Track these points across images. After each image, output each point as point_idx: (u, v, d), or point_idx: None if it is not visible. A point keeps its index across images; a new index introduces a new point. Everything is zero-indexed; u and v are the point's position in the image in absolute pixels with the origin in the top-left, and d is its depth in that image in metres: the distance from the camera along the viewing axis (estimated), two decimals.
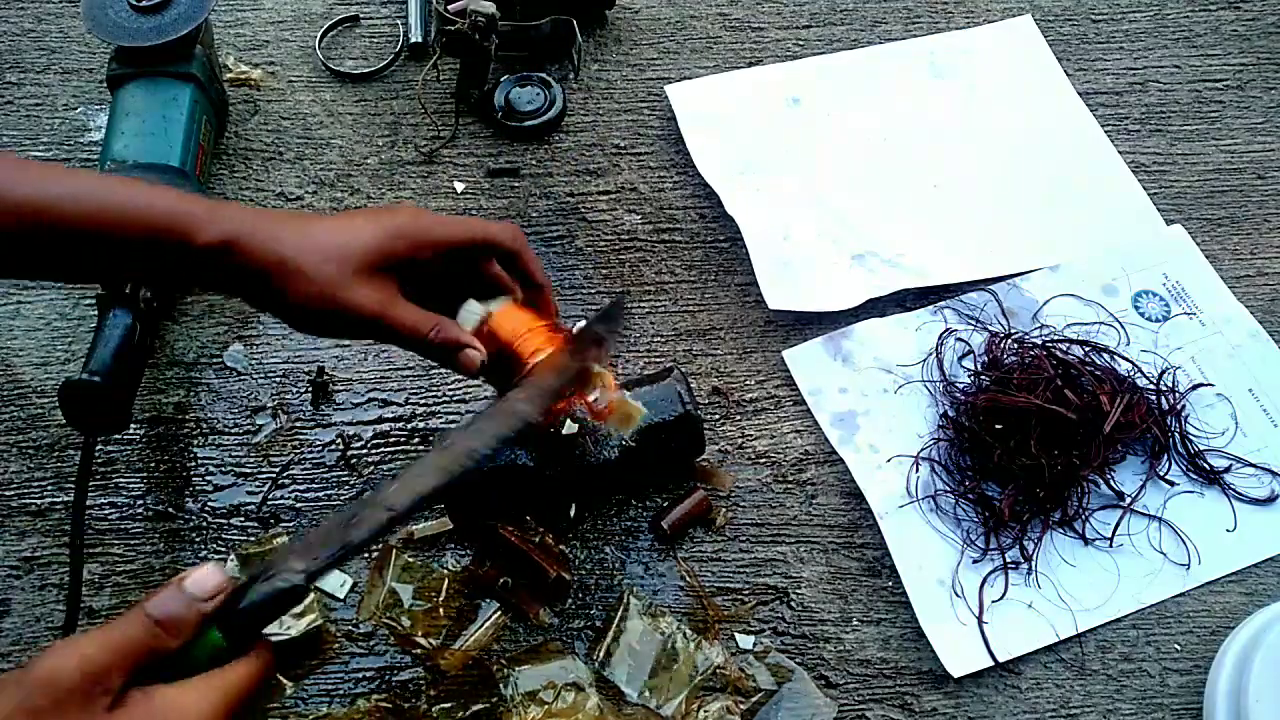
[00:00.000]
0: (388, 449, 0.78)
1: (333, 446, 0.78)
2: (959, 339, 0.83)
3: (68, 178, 0.60)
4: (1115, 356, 0.82)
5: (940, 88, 0.97)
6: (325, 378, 0.80)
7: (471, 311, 0.67)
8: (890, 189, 0.91)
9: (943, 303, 0.85)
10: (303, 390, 0.80)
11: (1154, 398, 0.80)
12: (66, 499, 0.75)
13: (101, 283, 0.71)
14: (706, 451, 0.76)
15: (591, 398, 0.67)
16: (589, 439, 0.72)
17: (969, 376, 0.81)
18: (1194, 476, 0.78)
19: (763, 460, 0.78)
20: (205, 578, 0.50)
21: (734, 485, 0.77)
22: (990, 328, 0.84)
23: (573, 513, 0.74)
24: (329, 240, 0.61)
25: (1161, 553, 0.75)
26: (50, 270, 0.64)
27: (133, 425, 0.77)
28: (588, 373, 0.66)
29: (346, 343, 0.82)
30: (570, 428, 0.71)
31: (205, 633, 0.50)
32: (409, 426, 0.79)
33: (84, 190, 0.58)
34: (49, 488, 0.76)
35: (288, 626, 0.69)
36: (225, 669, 0.50)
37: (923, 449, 0.78)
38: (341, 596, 0.72)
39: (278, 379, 0.80)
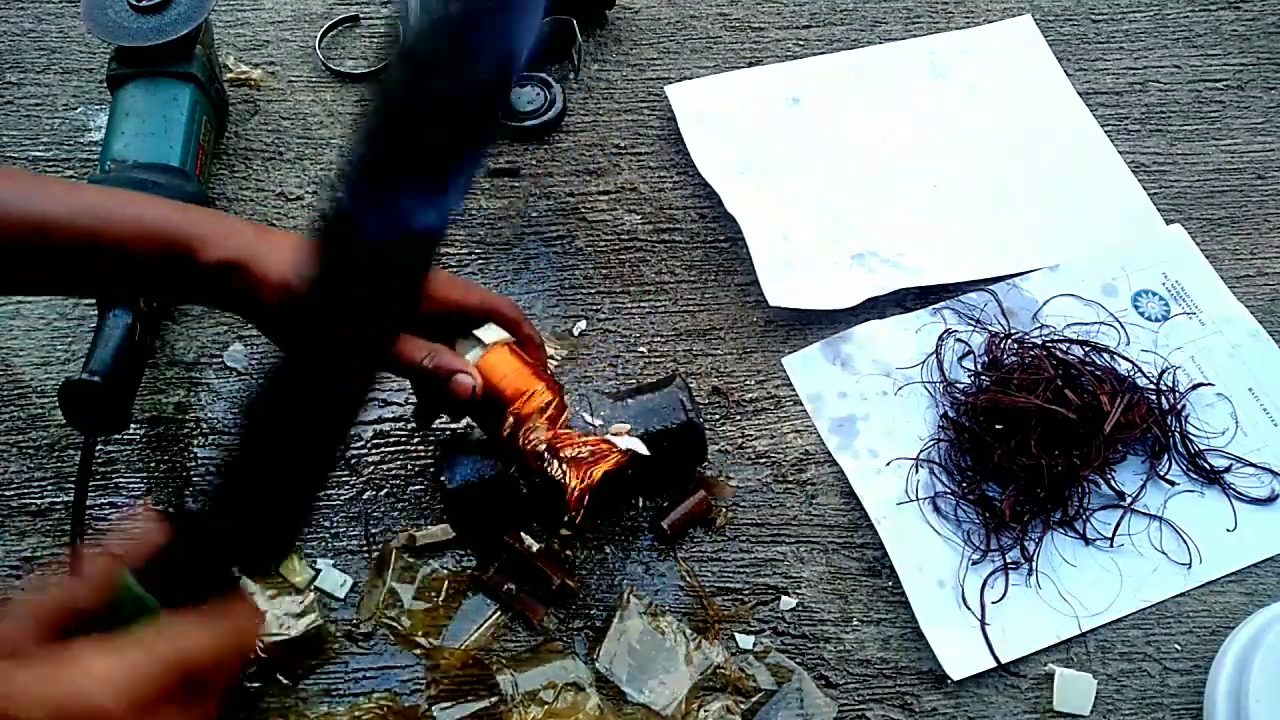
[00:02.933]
0: (388, 449, 0.78)
1: None
2: (959, 339, 0.83)
3: (71, 192, 0.59)
4: (1115, 356, 0.82)
5: (940, 88, 0.97)
6: None
7: (471, 345, 0.68)
8: (890, 189, 0.91)
9: (943, 303, 0.85)
10: None
11: (1154, 397, 0.80)
12: (66, 499, 0.74)
13: (104, 298, 0.71)
14: (707, 452, 0.76)
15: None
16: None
17: (969, 377, 0.81)
18: (1194, 476, 0.78)
19: (763, 460, 0.78)
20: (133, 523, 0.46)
21: (733, 495, 0.77)
22: (990, 328, 0.83)
23: (565, 519, 0.74)
24: None
25: (1162, 552, 0.75)
26: (52, 285, 0.64)
27: (133, 425, 0.77)
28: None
29: None
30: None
31: (132, 591, 0.45)
32: (409, 426, 0.79)
33: (87, 205, 0.58)
34: (49, 488, 0.76)
35: (287, 626, 0.69)
36: (158, 629, 0.46)
37: (922, 450, 0.78)
38: (341, 596, 0.72)
39: None
